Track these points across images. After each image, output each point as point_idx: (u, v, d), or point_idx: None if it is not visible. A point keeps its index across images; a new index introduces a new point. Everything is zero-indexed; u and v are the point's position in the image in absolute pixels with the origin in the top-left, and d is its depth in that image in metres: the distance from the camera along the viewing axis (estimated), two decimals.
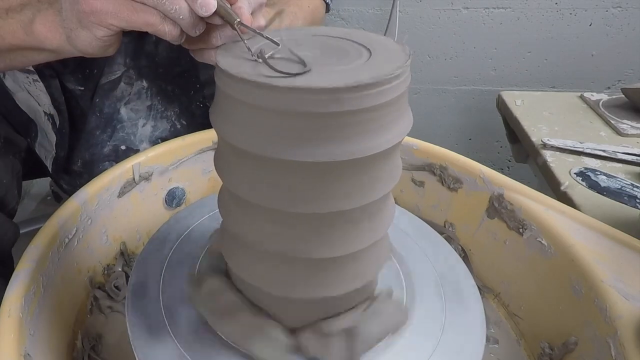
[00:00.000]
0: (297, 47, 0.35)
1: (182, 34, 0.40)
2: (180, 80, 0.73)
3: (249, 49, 0.33)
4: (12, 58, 0.50)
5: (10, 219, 0.56)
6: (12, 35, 0.46)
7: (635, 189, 0.67)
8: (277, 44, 0.33)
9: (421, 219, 0.54)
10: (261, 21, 0.43)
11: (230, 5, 0.38)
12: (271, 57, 0.32)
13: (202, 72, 0.73)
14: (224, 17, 0.38)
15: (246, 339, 0.37)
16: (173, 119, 0.75)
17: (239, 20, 0.37)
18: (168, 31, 0.39)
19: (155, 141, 0.73)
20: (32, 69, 0.67)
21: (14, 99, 0.70)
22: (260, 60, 0.31)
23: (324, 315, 0.37)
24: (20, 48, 0.48)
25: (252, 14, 0.40)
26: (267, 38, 0.34)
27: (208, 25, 0.40)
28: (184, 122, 0.75)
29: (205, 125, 0.69)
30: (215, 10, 0.37)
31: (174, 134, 0.74)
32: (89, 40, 0.41)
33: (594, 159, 0.76)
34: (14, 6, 0.47)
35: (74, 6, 0.40)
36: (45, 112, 0.71)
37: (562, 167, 0.74)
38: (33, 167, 0.76)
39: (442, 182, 0.61)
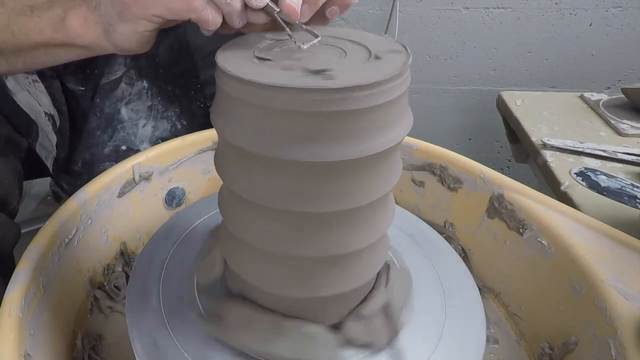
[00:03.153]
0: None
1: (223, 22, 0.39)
2: (180, 80, 0.73)
3: (291, 36, 0.34)
4: (34, 56, 0.49)
5: (12, 219, 0.56)
6: (38, 33, 0.46)
7: (635, 189, 0.67)
8: (317, 36, 0.34)
9: (421, 219, 0.54)
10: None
11: None
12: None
13: (202, 72, 0.73)
14: (266, 10, 0.37)
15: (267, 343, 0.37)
16: (173, 119, 0.75)
17: (278, 10, 0.36)
18: (212, 18, 0.37)
19: (155, 141, 0.73)
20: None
21: (15, 99, 0.69)
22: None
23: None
24: (46, 45, 0.47)
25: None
26: (307, 30, 0.35)
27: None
28: (184, 123, 0.75)
29: (206, 125, 0.69)
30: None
31: (175, 134, 0.74)
32: (128, 34, 0.41)
33: (594, 159, 0.76)
34: (40, 3, 0.46)
35: None
36: (45, 113, 0.71)
37: (562, 167, 0.74)
38: (33, 168, 0.76)
39: (442, 182, 0.61)
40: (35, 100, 0.70)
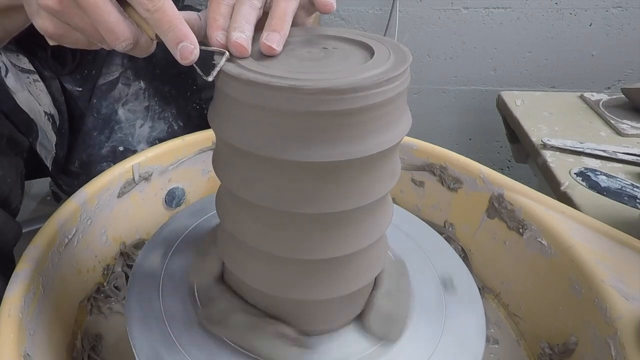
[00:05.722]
0: (299, 47, 0.35)
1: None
2: (177, 81, 0.73)
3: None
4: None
5: (14, 217, 0.56)
6: None
7: (635, 189, 0.67)
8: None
9: (421, 219, 0.54)
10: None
11: None
12: None
13: (198, 74, 0.73)
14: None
15: (251, 339, 0.37)
16: (170, 120, 0.75)
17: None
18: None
19: (152, 142, 0.73)
20: (33, 68, 0.67)
21: (14, 98, 0.69)
22: None
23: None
24: (6, 9, 0.45)
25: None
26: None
27: None
28: (180, 124, 0.75)
29: (202, 127, 0.69)
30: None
31: (171, 135, 0.74)
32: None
33: (594, 159, 0.76)
34: None
35: None
36: (45, 112, 0.71)
37: (562, 167, 0.74)
38: (34, 167, 0.76)
39: (442, 182, 0.61)
40: (35, 100, 0.70)
